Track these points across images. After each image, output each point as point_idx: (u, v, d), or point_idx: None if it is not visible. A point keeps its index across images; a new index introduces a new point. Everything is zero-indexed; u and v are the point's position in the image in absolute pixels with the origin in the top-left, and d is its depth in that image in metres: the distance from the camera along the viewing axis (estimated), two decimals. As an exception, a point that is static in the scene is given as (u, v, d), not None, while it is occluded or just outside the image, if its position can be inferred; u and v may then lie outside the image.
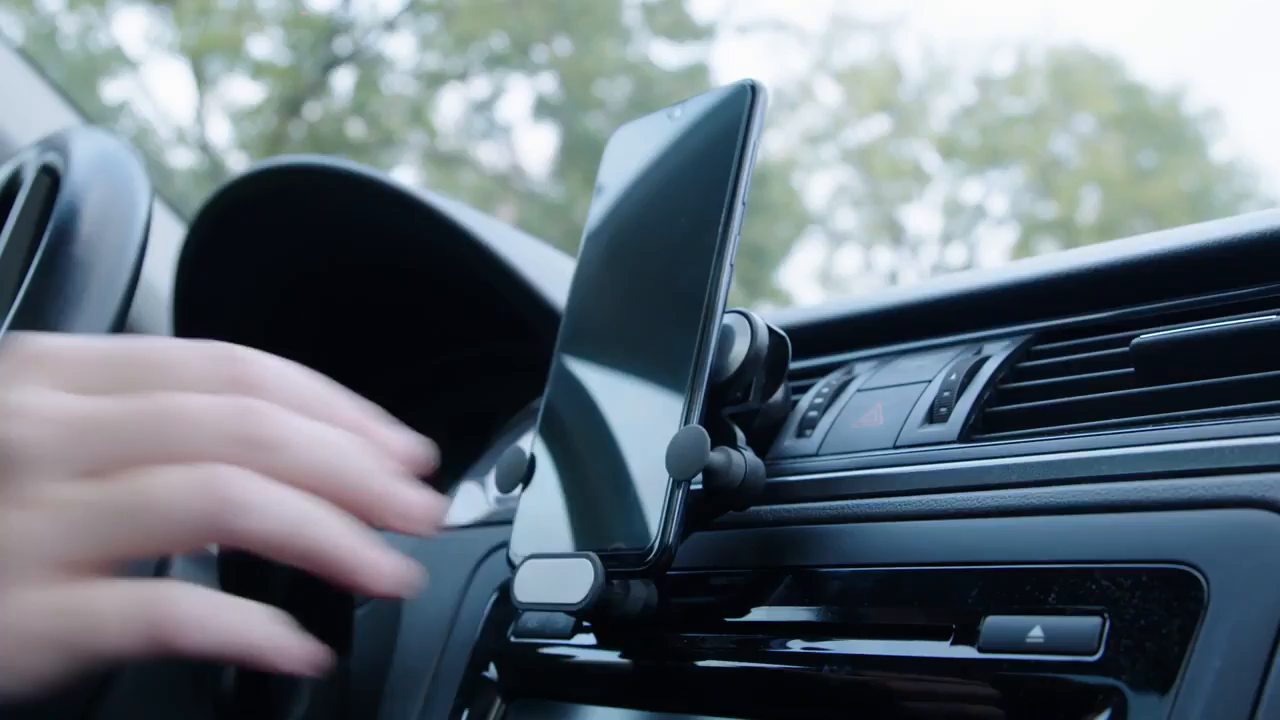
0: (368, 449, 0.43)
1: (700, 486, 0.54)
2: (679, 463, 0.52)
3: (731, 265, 0.54)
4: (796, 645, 0.53)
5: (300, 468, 0.40)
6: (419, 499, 0.44)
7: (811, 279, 11.01)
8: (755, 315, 0.55)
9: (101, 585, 0.38)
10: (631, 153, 0.63)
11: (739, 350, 0.54)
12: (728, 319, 0.55)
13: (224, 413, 0.40)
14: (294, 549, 0.40)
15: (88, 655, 0.38)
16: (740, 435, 0.55)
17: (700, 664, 0.56)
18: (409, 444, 0.45)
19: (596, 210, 0.64)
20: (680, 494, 0.52)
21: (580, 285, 0.63)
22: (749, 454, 0.55)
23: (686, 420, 0.53)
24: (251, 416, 0.40)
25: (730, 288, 0.54)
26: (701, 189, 0.56)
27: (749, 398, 0.56)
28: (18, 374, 0.40)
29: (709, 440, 0.51)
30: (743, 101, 0.55)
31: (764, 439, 0.63)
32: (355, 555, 0.41)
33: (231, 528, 0.38)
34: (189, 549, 0.40)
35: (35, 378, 0.40)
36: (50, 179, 0.65)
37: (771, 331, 0.55)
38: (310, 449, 0.41)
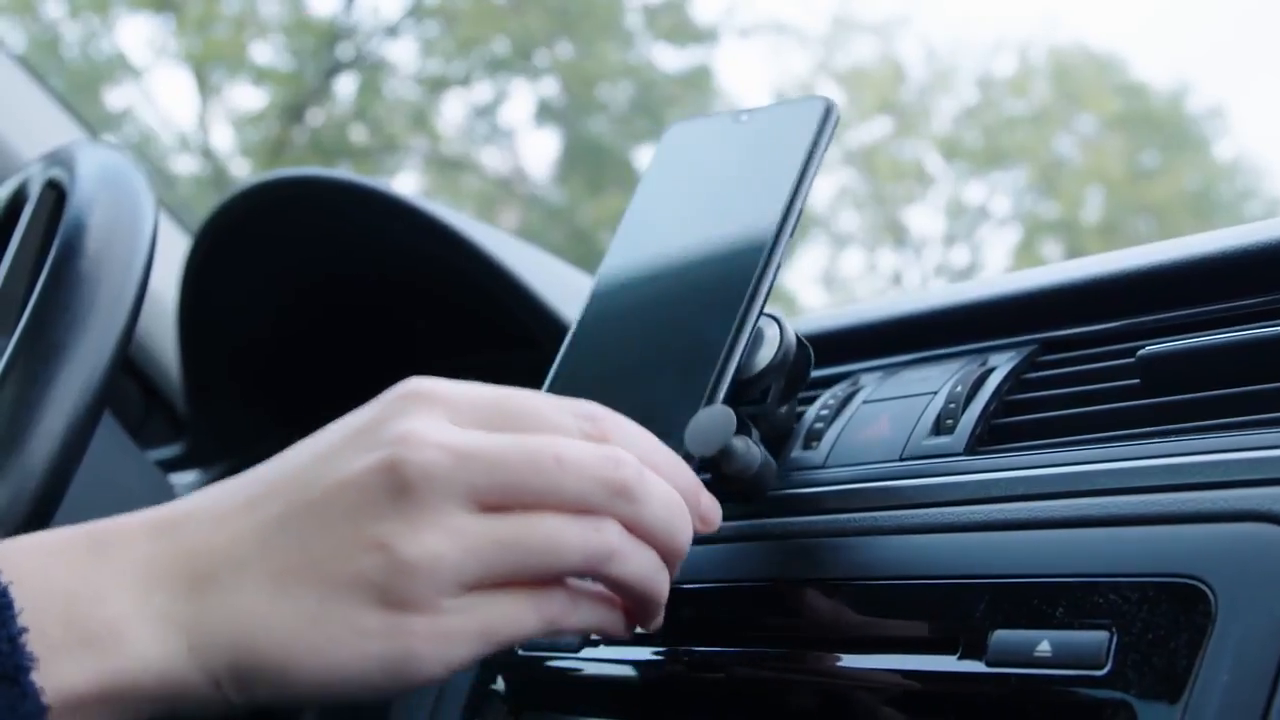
0: (690, 504, 0.48)
1: (707, 476, 0.54)
2: (700, 438, 0.51)
3: (779, 266, 0.54)
4: (803, 659, 0.53)
5: (649, 521, 0.46)
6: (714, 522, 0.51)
7: (814, 281, 11.02)
8: (785, 320, 0.55)
9: (506, 590, 0.44)
10: (689, 147, 0.63)
11: (766, 352, 0.54)
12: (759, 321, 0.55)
13: (598, 459, 0.45)
14: (635, 593, 0.47)
15: (503, 643, 0.44)
16: (755, 433, 0.55)
17: (707, 677, 0.56)
18: (716, 511, 0.51)
19: (642, 198, 0.63)
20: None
21: (612, 268, 0.62)
22: (764, 451, 0.55)
23: (710, 402, 0.52)
24: (620, 468, 0.45)
25: (772, 291, 0.55)
26: (759, 191, 0.56)
27: (766, 401, 0.56)
28: (410, 406, 0.44)
29: (735, 422, 0.51)
30: (815, 114, 0.56)
31: (772, 450, 0.63)
32: (662, 605, 0.48)
33: (604, 573, 0.45)
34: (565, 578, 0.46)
35: (427, 411, 0.44)
36: (56, 194, 0.65)
37: (798, 338, 0.56)
38: (660, 505, 0.46)
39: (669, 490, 0.47)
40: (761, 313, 0.54)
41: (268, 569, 0.42)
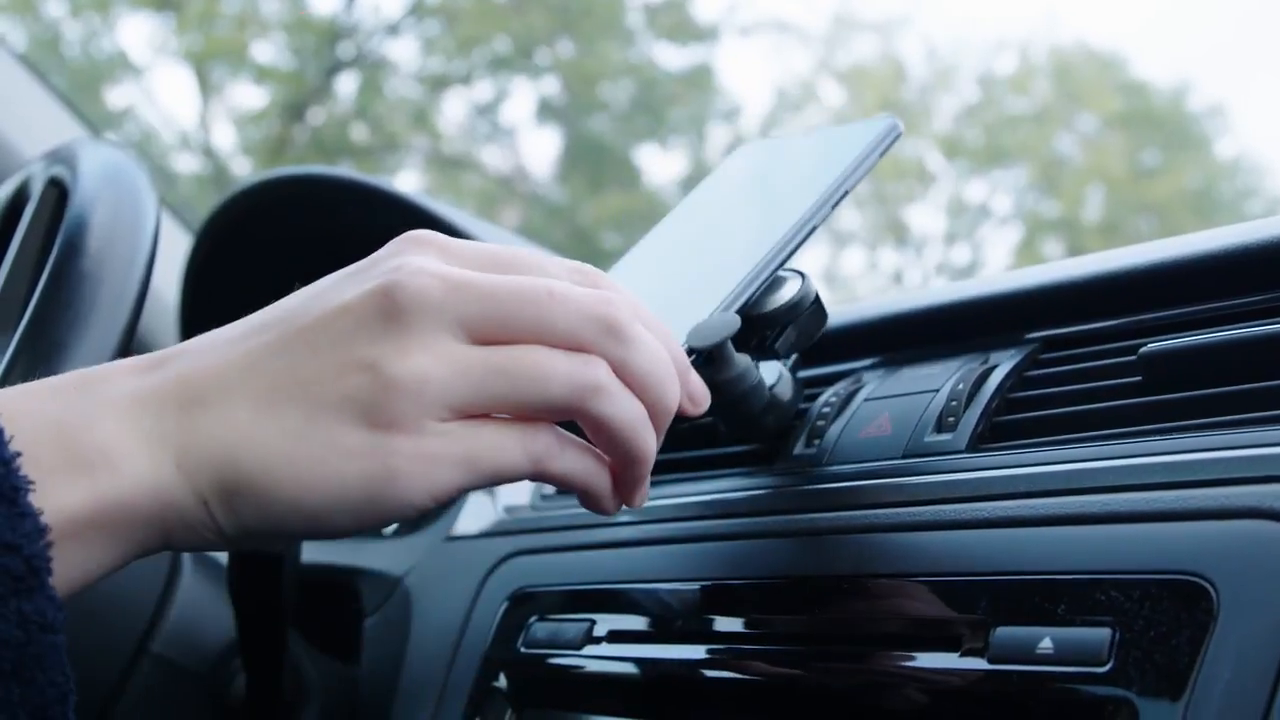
0: (679, 373, 0.48)
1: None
2: (699, 333, 0.52)
3: (814, 229, 0.56)
4: (805, 656, 0.53)
5: (637, 367, 0.46)
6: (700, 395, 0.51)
7: (816, 279, 11.00)
8: (809, 277, 0.57)
9: (492, 421, 0.44)
10: (756, 153, 0.67)
11: (785, 294, 0.56)
12: (782, 273, 0.57)
13: (591, 298, 0.45)
14: (620, 441, 0.46)
15: (488, 475, 0.44)
16: (758, 364, 0.57)
17: (709, 674, 0.56)
18: (704, 393, 0.50)
19: (709, 181, 0.66)
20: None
21: (665, 224, 0.65)
22: (761, 378, 0.56)
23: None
24: (612, 307, 0.45)
25: (800, 248, 0.56)
26: (810, 176, 0.59)
27: (777, 345, 0.57)
28: (407, 248, 0.45)
29: (737, 326, 0.52)
30: (877, 128, 0.59)
31: (773, 445, 0.64)
32: (646, 470, 0.47)
33: (589, 409, 0.45)
34: (552, 419, 0.46)
35: (424, 250, 0.45)
36: (58, 192, 0.65)
37: (816, 296, 0.57)
38: (648, 353, 0.46)
39: (658, 344, 0.47)
40: (784, 263, 0.56)
41: (255, 389, 0.43)
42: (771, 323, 0.56)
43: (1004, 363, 0.59)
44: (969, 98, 10.97)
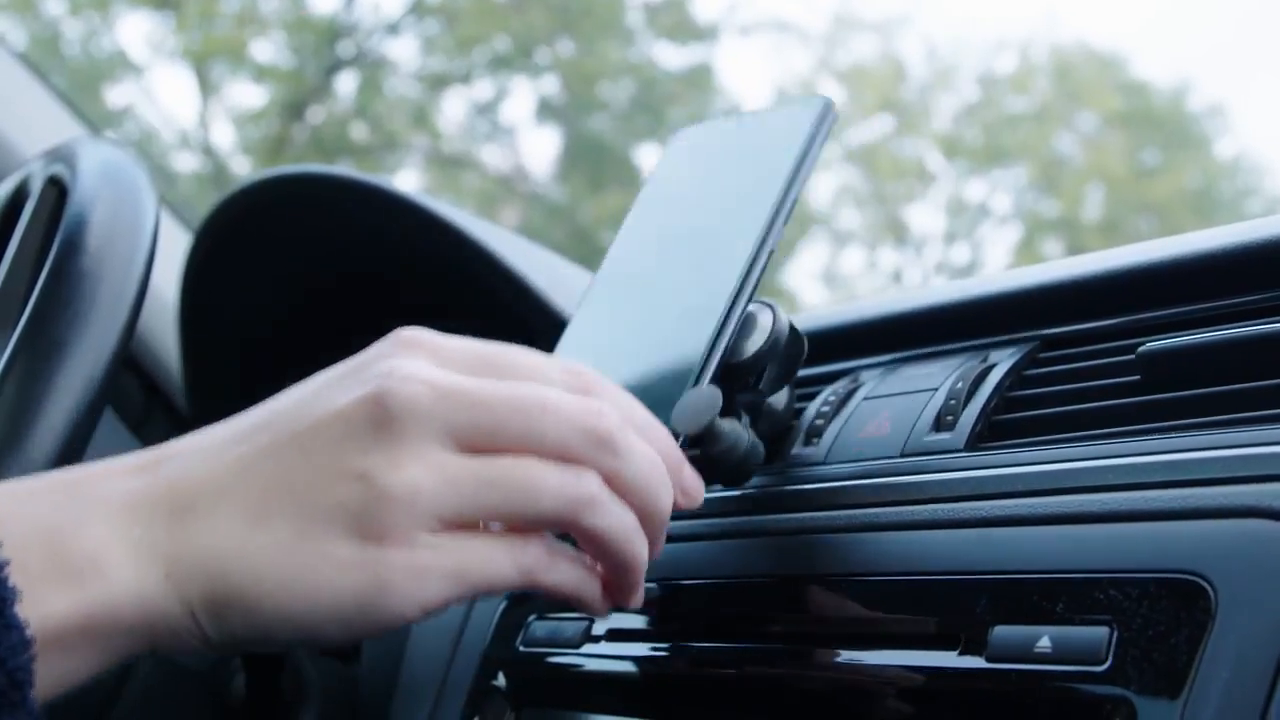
0: (672, 472, 0.48)
1: (695, 452, 0.54)
2: (686, 416, 0.52)
3: (770, 254, 0.55)
4: (804, 655, 0.53)
5: (629, 477, 0.46)
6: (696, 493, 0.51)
7: (815, 279, 11.01)
8: (779, 308, 0.56)
9: (482, 533, 0.44)
10: (693, 149, 0.64)
11: (759, 335, 0.55)
12: (751, 307, 0.56)
13: (581, 409, 0.45)
14: (612, 552, 0.46)
15: (478, 588, 0.44)
16: (746, 418, 0.56)
17: (708, 673, 0.56)
18: (698, 486, 0.50)
19: (646, 196, 0.64)
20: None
21: (613, 260, 0.63)
22: (752, 434, 0.55)
23: (698, 383, 0.53)
24: (603, 418, 0.45)
25: (763, 276, 0.55)
26: (755, 185, 0.57)
27: (760, 387, 0.56)
28: (399, 350, 0.45)
29: (721, 401, 0.52)
30: (813, 113, 0.57)
31: (771, 446, 0.64)
32: (640, 576, 0.47)
33: (581, 522, 0.45)
34: (543, 530, 0.46)
35: (415, 353, 0.45)
36: (57, 190, 0.65)
37: (791, 326, 0.56)
38: (640, 463, 0.46)
39: (650, 451, 0.47)
40: (751, 299, 0.55)
41: (246, 497, 0.42)
42: (752, 368, 0.55)
43: (1003, 362, 0.59)
44: (969, 97, 10.96)
